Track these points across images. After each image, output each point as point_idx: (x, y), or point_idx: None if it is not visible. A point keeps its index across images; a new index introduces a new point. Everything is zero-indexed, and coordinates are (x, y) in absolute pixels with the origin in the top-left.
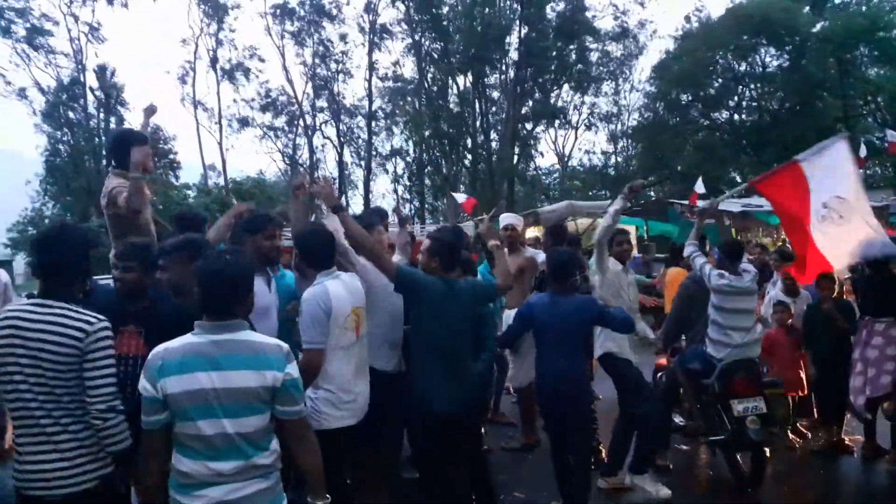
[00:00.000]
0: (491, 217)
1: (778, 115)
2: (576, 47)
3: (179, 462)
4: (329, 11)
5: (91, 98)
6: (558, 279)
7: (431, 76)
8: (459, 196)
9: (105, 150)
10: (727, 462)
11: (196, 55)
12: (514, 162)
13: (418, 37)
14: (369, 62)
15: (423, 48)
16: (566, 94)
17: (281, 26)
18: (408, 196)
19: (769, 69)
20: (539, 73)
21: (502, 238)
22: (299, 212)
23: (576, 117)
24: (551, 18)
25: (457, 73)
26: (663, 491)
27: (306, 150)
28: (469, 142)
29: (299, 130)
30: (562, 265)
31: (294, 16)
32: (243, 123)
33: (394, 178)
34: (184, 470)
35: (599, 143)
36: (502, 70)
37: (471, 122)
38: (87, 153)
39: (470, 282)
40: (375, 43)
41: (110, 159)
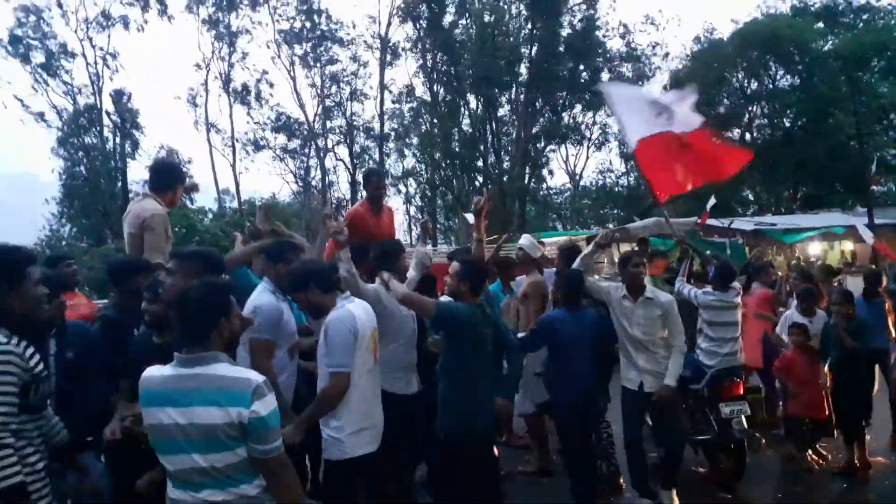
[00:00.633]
0: (504, 241)
1: (790, 133)
2: (588, 70)
3: (170, 489)
4: (335, 34)
5: (107, 121)
6: (568, 299)
7: (442, 98)
8: (471, 216)
9: (150, 170)
10: (708, 459)
11: (207, 78)
12: (526, 182)
13: (429, 58)
14: (380, 83)
15: (434, 69)
16: (578, 114)
17: (290, 50)
18: (420, 217)
19: (780, 87)
20: (550, 94)
21: (518, 257)
22: (325, 238)
23: (587, 135)
24: (564, 37)
25: (468, 95)
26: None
27: (319, 171)
28: (480, 162)
29: (311, 152)
30: (573, 285)
31: (302, 40)
32: (257, 146)
33: (406, 199)
34: (173, 497)
35: (612, 162)
36: (514, 92)
37: (482, 143)
38: (103, 177)
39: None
40: (387, 62)
41: (152, 180)
